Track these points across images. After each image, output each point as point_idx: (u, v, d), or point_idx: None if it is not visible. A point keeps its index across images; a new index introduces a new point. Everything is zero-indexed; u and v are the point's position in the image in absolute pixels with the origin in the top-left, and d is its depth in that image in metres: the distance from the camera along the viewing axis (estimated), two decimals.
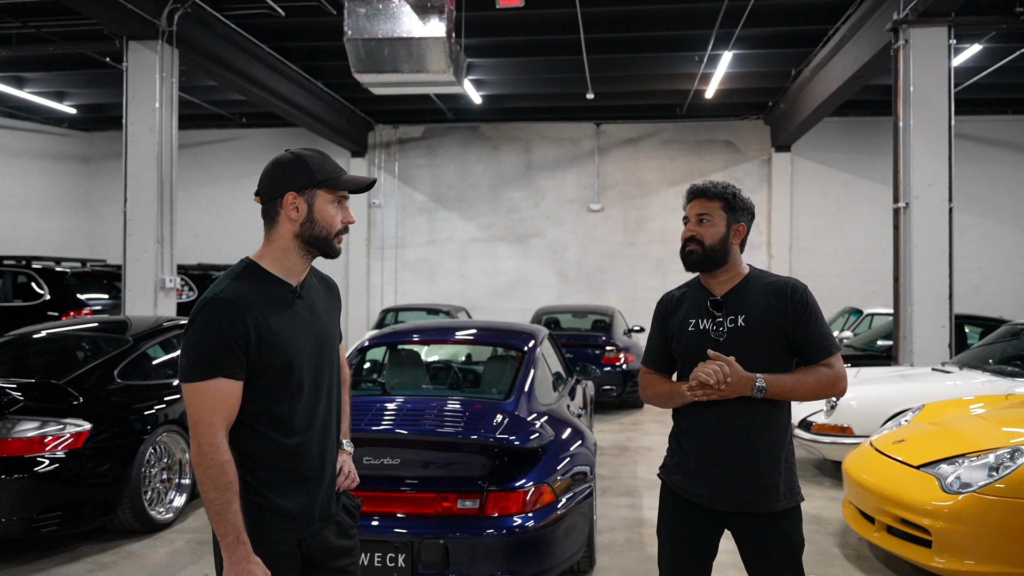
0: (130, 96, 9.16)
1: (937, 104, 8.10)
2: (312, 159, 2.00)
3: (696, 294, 2.55)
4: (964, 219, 14.44)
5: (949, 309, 8.06)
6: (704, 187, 2.52)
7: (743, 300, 2.46)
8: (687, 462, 2.48)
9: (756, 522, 2.40)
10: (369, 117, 15.96)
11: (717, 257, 2.47)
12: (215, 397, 1.86)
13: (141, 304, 8.99)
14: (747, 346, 2.39)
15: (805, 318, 2.40)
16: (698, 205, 2.51)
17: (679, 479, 2.50)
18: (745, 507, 2.38)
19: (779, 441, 2.41)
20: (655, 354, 2.62)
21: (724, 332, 2.42)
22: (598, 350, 9.81)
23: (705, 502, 2.43)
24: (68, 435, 4.56)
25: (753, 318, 2.42)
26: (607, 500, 5.79)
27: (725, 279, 2.50)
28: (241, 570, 1.84)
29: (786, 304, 2.41)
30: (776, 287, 2.46)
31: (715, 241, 2.47)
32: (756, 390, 2.32)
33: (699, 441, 2.45)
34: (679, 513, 2.51)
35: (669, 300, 2.64)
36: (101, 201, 17.22)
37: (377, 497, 3.59)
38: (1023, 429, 4.19)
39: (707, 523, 2.46)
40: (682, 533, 2.50)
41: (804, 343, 2.41)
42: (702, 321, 2.47)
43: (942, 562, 3.83)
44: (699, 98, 13.79)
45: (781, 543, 2.39)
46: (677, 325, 2.53)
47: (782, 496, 2.39)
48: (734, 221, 2.50)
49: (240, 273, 1.98)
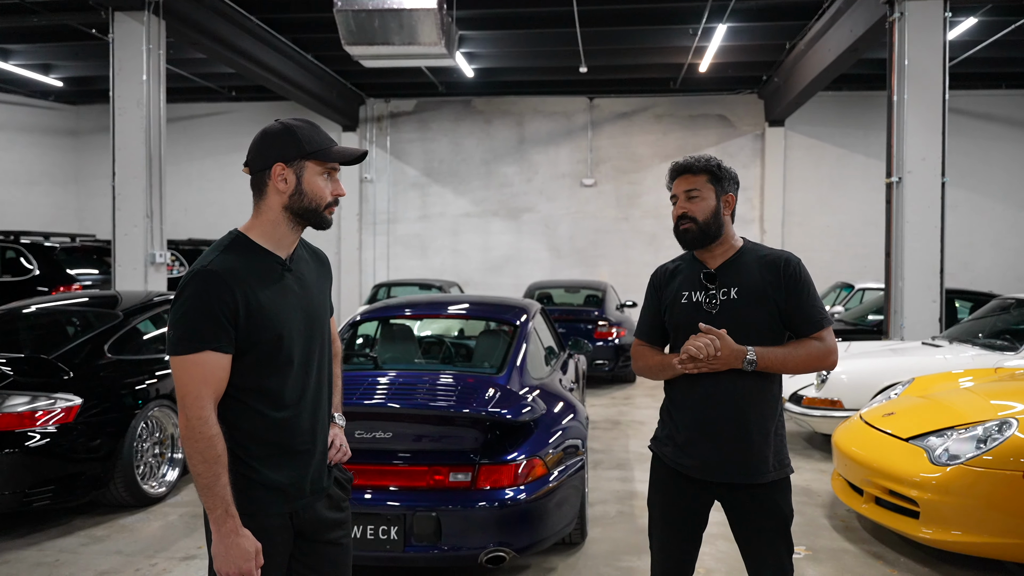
0: (117, 68, 9.03)
1: (931, 78, 8.06)
2: (301, 129, 1.97)
3: (690, 267, 2.55)
4: (956, 194, 14.39)
5: (940, 283, 8.09)
6: (687, 163, 2.51)
7: (736, 273, 2.45)
8: (678, 434, 2.49)
9: (746, 493, 2.41)
10: (360, 91, 15.80)
11: (712, 231, 2.46)
12: (203, 370, 1.84)
13: (131, 279, 8.94)
14: (740, 318, 2.40)
15: (797, 291, 2.40)
16: (684, 182, 2.50)
17: (670, 451, 2.51)
18: (735, 478, 2.40)
19: (769, 413, 2.42)
20: (648, 326, 2.62)
21: (717, 304, 2.42)
22: (591, 325, 9.82)
23: (695, 473, 2.44)
24: (59, 410, 4.55)
25: (746, 290, 2.42)
26: (599, 473, 5.83)
27: (719, 252, 2.50)
28: (230, 543, 1.84)
29: (779, 277, 2.41)
30: (769, 260, 2.45)
31: (708, 215, 2.46)
32: (747, 363, 2.33)
33: (690, 413, 2.46)
34: (670, 484, 2.52)
35: (663, 273, 2.63)
36: (90, 175, 17.05)
37: (370, 471, 3.60)
38: (1011, 402, 4.23)
39: (697, 494, 2.48)
40: (672, 504, 2.52)
41: (796, 316, 2.41)
42: (695, 293, 2.47)
43: (929, 533, 3.88)
44: (693, 72, 13.70)
45: (770, 514, 2.41)
46: (670, 298, 2.53)
47: (772, 468, 2.40)
48: (722, 192, 2.49)
49: (228, 245, 1.96)
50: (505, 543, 3.52)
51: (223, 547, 1.84)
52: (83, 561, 4.14)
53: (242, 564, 1.84)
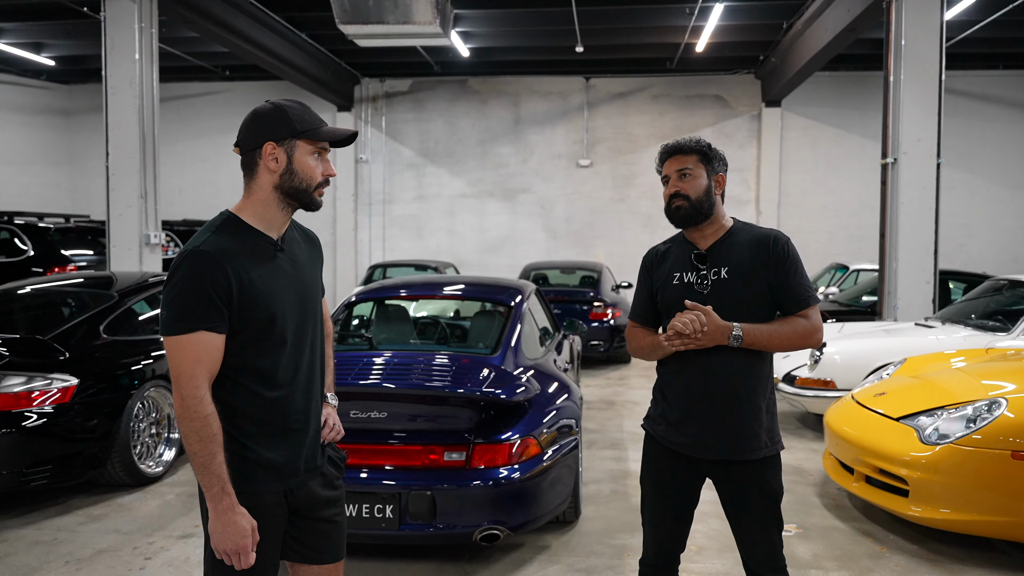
0: (109, 47, 8.95)
1: (928, 58, 8.03)
2: (292, 109, 1.97)
3: (681, 248, 2.57)
4: (952, 175, 14.44)
5: (934, 264, 8.12)
6: (677, 144, 2.53)
7: (727, 252, 2.47)
8: (670, 412, 2.51)
9: (736, 470, 2.44)
10: (355, 70, 15.68)
11: (704, 209, 2.48)
12: (197, 350, 1.85)
13: (126, 260, 8.93)
14: (730, 298, 2.42)
15: (785, 268, 2.42)
16: (675, 162, 2.52)
17: (662, 429, 2.54)
18: (726, 455, 2.43)
19: (760, 390, 2.45)
20: (641, 308, 2.64)
21: (708, 284, 2.44)
22: (586, 306, 9.85)
23: (687, 451, 2.47)
24: (55, 390, 4.57)
25: (736, 270, 2.43)
26: (593, 453, 5.87)
27: (710, 232, 2.51)
28: (227, 520, 1.86)
29: (768, 255, 2.43)
30: (759, 238, 2.47)
31: (700, 193, 2.47)
32: (732, 339, 2.35)
33: (681, 391, 2.48)
34: (662, 462, 2.55)
35: (654, 255, 2.65)
36: (83, 155, 16.95)
37: (365, 450, 3.63)
38: (1002, 382, 4.26)
39: (689, 472, 2.51)
40: (665, 482, 2.55)
41: (783, 293, 2.43)
42: (686, 274, 2.49)
43: (918, 511, 3.92)
44: (690, 52, 13.62)
45: (760, 490, 2.44)
46: (662, 279, 2.55)
47: (763, 444, 2.43)
48: (713, 172, 2.51)
49: (220, 226, 1.96)
50: (499, 521, 3.56)
51: (220, 524, 1.86)
52: (81, 539, 4.17)
53: (239, 541, 1.86)
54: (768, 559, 2.45)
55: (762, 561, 2.46)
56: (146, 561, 3.89)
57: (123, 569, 3.80)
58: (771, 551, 2.46)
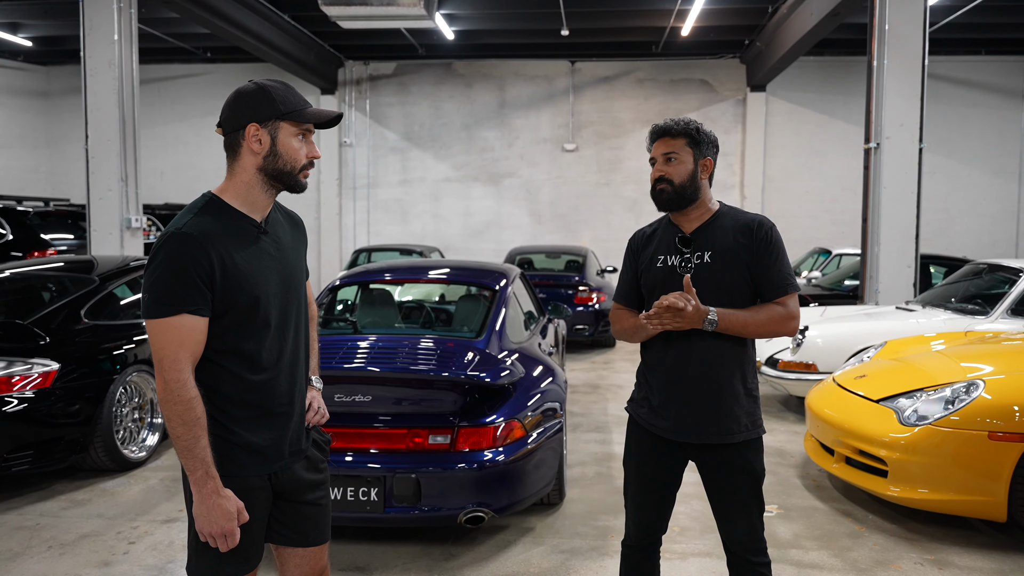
0: (87, 28, 8.81)
1: (911, 43, 8.06)
2: (276, 90, 1.95)
3: (666, 231, 2.57)
4: (934, 160, 14.56)
5: (915, 249, 8.20)
6: (666, 125, 2.52)
7: (711, 236, 2.47)
8: (652, 396, 2.53)
9: (718, 452, 2.46)
10: (339, 53, 15.53)
11: (688, 194, 2.47)
12: (180, 333, 1.84)
13: (107, 244, 8.84)
14: (713, 282, 2.42)
15: (767, 255, 2.43)
16: (663, 144, 2.51)
17: (645, 412, 2.56)
18: (707, 438, 2.45)
19: (740, 374, 2.46)
20: (626, 290, 2.65)
21: (691, 268, 2.45)
22: (571, 290, 9.87)
23: (669, 435, 2.49)
24: (36, 375, 4.53)
25: (719, 254, 2.44)
26: (578, 436, 5.91)
27: (695, 216, 2.52)
28: (211, 504, 1.86)
29: (751, 240, 2.44)
30: (744, 223, 2.48)
31: (684, 178, 2.47)
32: (707, 323, 2.35)
33: (663, 375, 2.50)
34: (644, 445, 2.57)
35: (640, 237, 2.66)
36: (62, 138, 16.71)
37: (350, 433, 3.64)
38: (980, 364, 4.33)
39: (671, 455, 2.53)
40: (647, 464, 2.57)
41: (762, 279, 2.44)
42: (670, 257, 2.49)
43: (897, 491, 3.99)
44: (675, 36, 13.60)
45: (742, 472, 2.46)
46: (646, 261, 2.56)
47: (743, 428, 2.45)
48: (701, 156, 2.50)
49: (202, 208, 1.94)
50: (484, 504, 3.58)
51: (205, 508, 1.86)
52: (64, 524, 4.15)
53: (224, 524, 1.87)
54: (749, 540, 2.48)
55: (743, 543, 2.48)
56: (130, 545, 3.88)
57: (107, 554, 3.79)
58: (751, 532, 2.48)
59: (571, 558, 3.75)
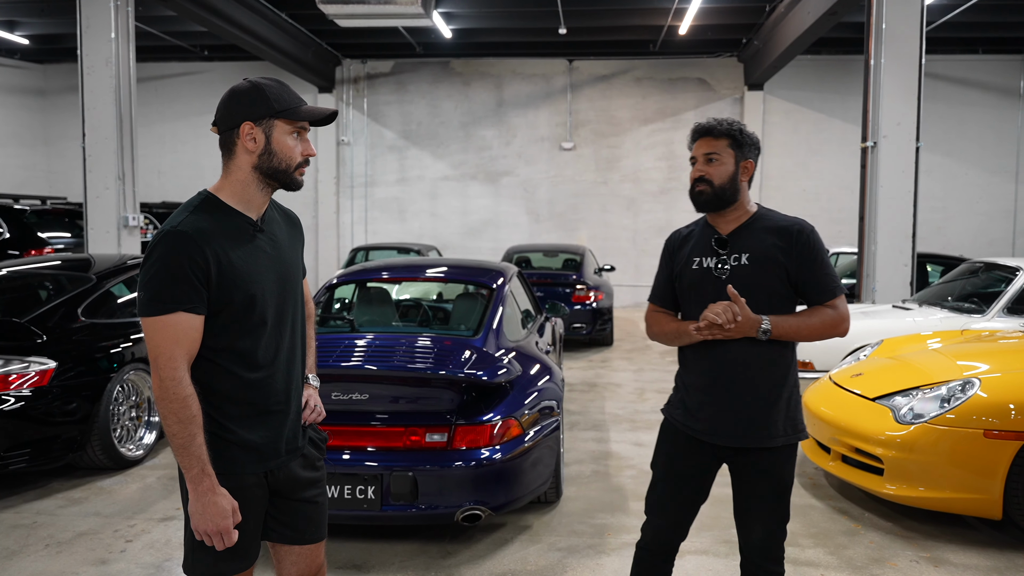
0: (84, 26, 8.80)
1: (908, 42, 8.07)
2: (270, 88, 1.95)
3: (703, 232, 2.54)
4: (931, 159, 14.57)
5: (912, 248, 8.21)
6: (710, 125, 2.47)
7: (748, 239, 2.44)
8: (689, 398, 2.49)
9: (753, 456, 2.42)
10: (336, 51, 15.52)
11: (727, 196, 2.44)
12: (175, 331, 1.84)
13: (104, 243, 8.83)
14: (749, 285, 2.38)
15: (811, 260, 2.39)
16: (705, 144, 2.47)
17: (679, 414, 2.52)
18: (744, 442, 2.40)
19: (781, 378, 2.41)
20: (661, 291, 2.62)
21: (727, 270, 2.42)
22: (568, 289, 9.87)
23: (705, 436, 2.45)
24: (33, 373, 4.53)
25: (756, 257, 2.40)
26: (575, 434, 5.91)
27: (732, 217, 2.48)
28: (207, 501, 1.86)
29: (791, 245, 2.39)
30: (782, 227, 2.43)
31: (724, 180, 2.44)
32: (761, 332, 2.33)
33: (701, 378, 2.46)
34: (677, 446, 2.53)
35: (677, 237, 2.62)
36: (59, 136, 16.68)
37: (347, 432, 3.64)
38: (976, 362, 4.34)
39: (704, 456, 2.48)
40: (678, 466, 2.52)
41: (809, 285, 2.41)
42: (706, 259, 2.46)
43: (893, 489, 4.00)
44: (673, 34, 13.60)
45: (772, 477, 2.41)
46: (682, 263, 2.53)
47: (782, 432, 2.40)
48: (742, 158, 2.46)
49: (198, 206, 1.94)
50: (481, 502, 3.59)
51: (200, 506, 1.87)
52: (61, 523, 4.15)
53: (219, 522, 1.87)
54: (768, 547, 2.44)
55: (762, 548, 2.44)
56: (127, 544, 3.89)
57: (103, 552, 3.79)
58: (771, 539, 2.44)
59: (568, 556, 3.76)
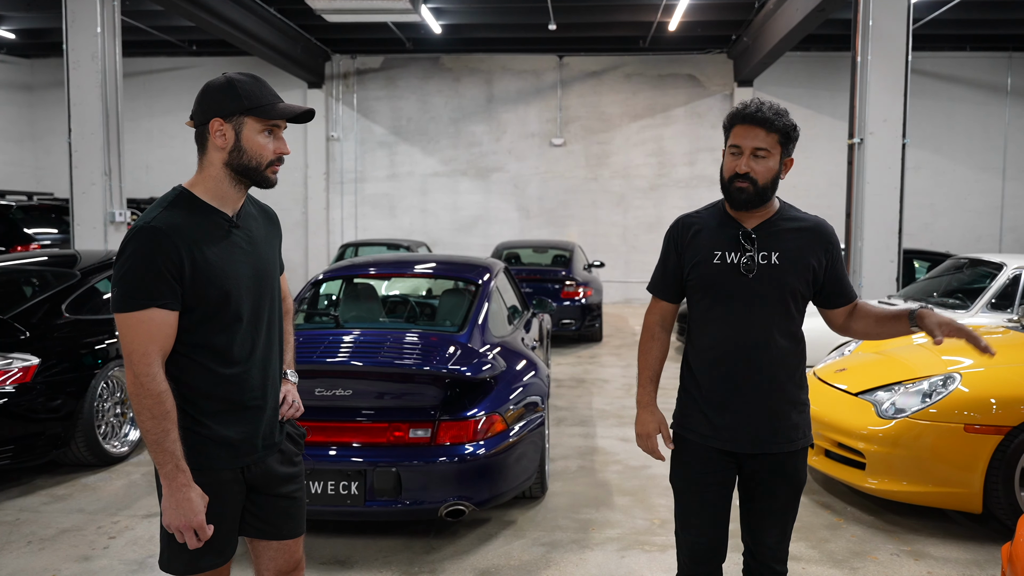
0: (70, 20, 8.74)
1: (895, 39, 8.09)
2: (243, 84, 1.93)
3: (721, 224, 2.37)
4: (919, 155, 14.65)
5: (898, 244, 8.24)
6: (765, 116, 2.26)
7: (776, 236, 2.32)
8: (704, 406, 2.38)
9: (770, 460, 2.35)
10: (325, 46, 15.45)
11: (767, 196, 2.30)
12: (149, 327, 1.84)
13: (91, 239, 8.78)
14: (777, 283, 2.29)
15: (838, 263, 2.37)
16: (755, 136, 2.26)
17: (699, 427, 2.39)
18: (764, 447, 2.33)
19: (796, 382, 2.37)
20: (666, 282, 2.46)
21: (755, 267, 2.29)
22: (557, 285, 9.88)
23: (724, 445, 2.35)
24: (16, 369, 4.50)
25: (787, 256, 2.30)
26: (562, 430, 5.93)
27: (760, 213, 2.34)
28: (181, 497, 1.86)
29: (820, 245, 2.33)
30: (809, 226, 2.36)
31: (768, 179, 2.27)
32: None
33: (718, 383, 2.36)
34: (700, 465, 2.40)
35: (686, 227, 2.42)
36: (46, 132, 16.56)
37: (330, 427, 3.64)
38: (958, 357, 4.36)
39: (726, 468, 2.39)
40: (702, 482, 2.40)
41: (835, 287, 2.37)
42: (730, 254, 2.31)
43: (875, 483, 4.02)
44: (662, 31, 13.60)
45: (790, 479, 2.36)
46: (699, 256, 2.36)
47: (801, 435, 2.36)
48: (786, 155, 2.33)
49: (172, 201, 1.93)
50: (464, 497, 3.59)
51: (173, 501, 1.86)
52: (44, 519, 4.14)
53: (192, 518, 1.87)
54: (778, 548, 2.40)
55: (772, 549, 2.40)
56: (110, 540, 3.87)
57: (86, 548, 3.78)
58: (783, 540, 2.41)
59: (552, 551, 3.77)
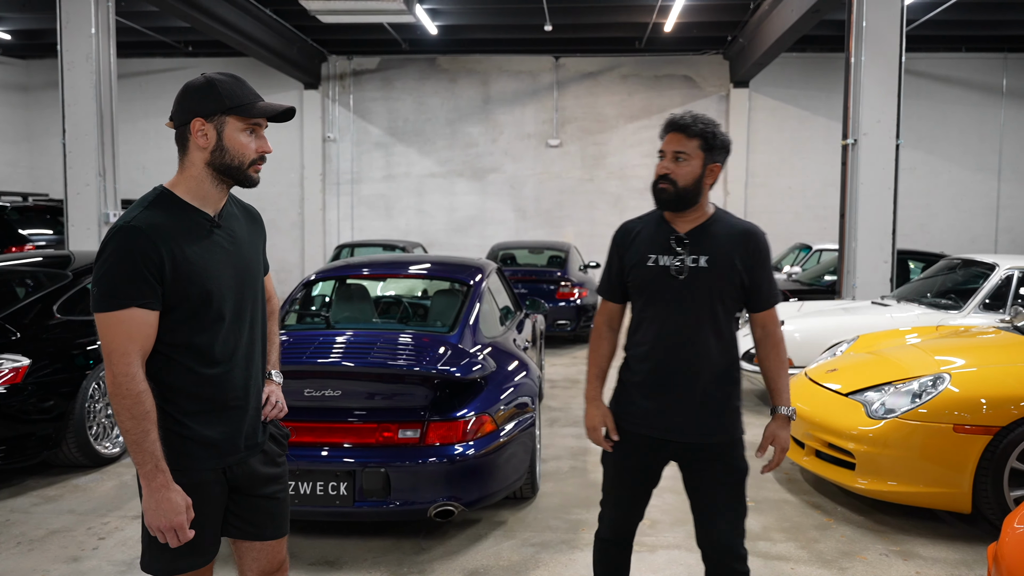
0: (64, 21, 8.73)
1: (889, 40, 8.11)
2: (223, 83, 1.93)
3: (657, 228, 2.48)
4: (914, 156, 14.68)
5: (892, 244, 8.25)
6: (684, 122, 2.38)
7: (707, 241, 2.41)
8: (636, 395, 2.49)
9: (703, 451, 2.44)
10: (321, 47, 15.45)
11: (689, 198, 2.39)
12: (128, 327, 1.84)
13: (85, 239, 8.77)
14: (705, 287, 2.38)
15: (760, 267, 2.41)
16: (676, 141, 2.39)
17: (631, 415, 2.51)
18: (692, 437, 2.43)
19: (728, 374, 2.45)
20: (611, 285, 2.59)
21: (685, 270, 2.38)
22: (553, 285, 9.88)
23: (654, 432, 2.46)
24: (6, 370, 4.50)
25: (715, 260, 2.39)
26: (555, 430, 5.93)
27: (691, 217, 2.44)
28: (160, 497, 1.86)
29: (747, 250, 2.40)
30: (738, 231, 2.43)
31: (688, 182, 2.38)
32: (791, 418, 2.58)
33: (650, 373, 2.46)
34: (627, 446, 2.52)
35: (627, 232, 2.55)
36: (42, 132, 16.53)
37: (319, 428, 3.64)
38: (949, 357, 4.37)
39: (654, 453, 2.50)
40: (628, 464, 2.53)
41: (754, 291, 2.43)
42: (662, 257, 2.42)
43: (864, 483, 4.03)
44: (658, 32, 13.62)
45: (727, 467, 2.44)
46: (635, 258, 2.47)
47: (731, 426, 2.46)
48: (710, 161, 2.40)
49: (153, 201, 1.93)
50: (454, 497, 3.59)
51: (153, 502, 1.86)
52: (34, 520, 4.13)
53: (172, 518, 1.87)
54: (730, 544, 2.42)
55: (724, 546, 2.42)
56: (100, 541, 3.87)
57: (76, 549, 3.78)
58: (732, 534, 2.43)
59: (541, 551, 3.77)
